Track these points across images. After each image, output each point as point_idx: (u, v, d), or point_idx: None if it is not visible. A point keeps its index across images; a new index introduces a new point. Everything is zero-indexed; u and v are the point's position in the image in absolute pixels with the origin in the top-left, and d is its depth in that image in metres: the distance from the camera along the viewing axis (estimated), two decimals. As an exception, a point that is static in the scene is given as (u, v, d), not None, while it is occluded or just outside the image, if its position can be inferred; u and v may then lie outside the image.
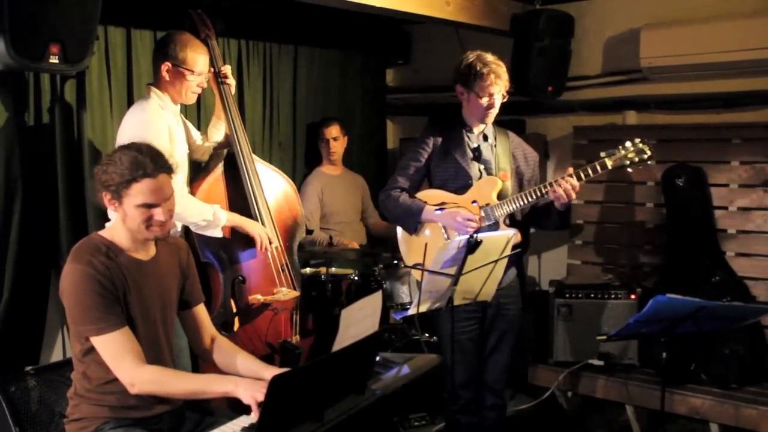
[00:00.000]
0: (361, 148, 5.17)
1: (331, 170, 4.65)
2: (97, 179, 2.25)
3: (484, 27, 4.31)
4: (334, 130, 4.59)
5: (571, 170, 3.09)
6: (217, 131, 3.45)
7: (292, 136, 4.68)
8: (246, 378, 2.26)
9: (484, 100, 3.18)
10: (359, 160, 5.07)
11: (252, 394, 2.12)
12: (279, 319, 3.39)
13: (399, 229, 3.38)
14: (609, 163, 3.07)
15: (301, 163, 4.77)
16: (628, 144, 3.09)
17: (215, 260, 3.26)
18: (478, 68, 3.15)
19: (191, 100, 3.19)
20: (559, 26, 4.42)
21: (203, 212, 3.08)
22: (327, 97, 4.91)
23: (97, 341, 2.20)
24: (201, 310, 2.58)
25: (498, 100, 3.20)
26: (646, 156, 3.08)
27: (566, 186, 3.04)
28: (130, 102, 3.63)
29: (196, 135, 3.43)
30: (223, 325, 3.19)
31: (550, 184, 3.08)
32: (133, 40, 3.65)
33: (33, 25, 2.48)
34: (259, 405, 2.06)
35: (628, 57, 4.46)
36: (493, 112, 3.24)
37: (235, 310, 3.27)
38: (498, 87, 3.17)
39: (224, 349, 2.53)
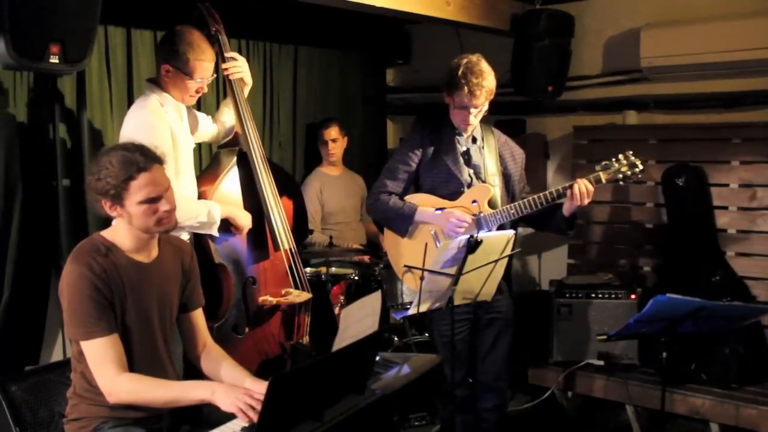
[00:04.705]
0: (361, 148, 5.17)
1: (331, 171, 4.65)
2: (92, 189, 2.23)
3: (484, 27, 4.31)
4: (333, 132, 4.58)
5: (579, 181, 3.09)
6: (228, 113, 3.37)
7: (292, 136, 4.68)
8: (224, 384, 2.23)
9: (459, 112, 3.15)
10: (359, 160, 5.07)
11: (231, 401, 2.12)
12: (290, 320, 3.37)
13: (387, 233, 3.34)
14: (603, 177, 3.11)
15: (301, 163, 4.77)
16: (621, 157, 3.13)
17: (229, 261, 3.19)
18: (457, 78, 3.08)
19: (189, 102, 3.12)
20: (559, 26, 4.41)
21: (198, 214, 2.99)
22: (327, 97, 4.92)
23: (84, 345, 2.20)
24: (198, 315, 2.56)
25: (474, 114, 3.14)
26: (638, 170, 3.13)
27: (582, 189, 3.04)
28: (130, 102, 3.62)
29: (206, 124, 3.33)
30: (235, 328, 3.15)
31: (569, 187, 3.07)
32: (133, 40, 3.65)
33: (33, 25, 2.47)
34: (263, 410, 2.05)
35: (628, 57, 4.46)
36: (471, 124, 3.18)
37: (246, 311, 3.22)
38: (474, 101, 3.08)
39: (212, 356, 2.51)
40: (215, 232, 3.07)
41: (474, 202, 3.18)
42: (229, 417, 2.31)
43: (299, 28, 4.53)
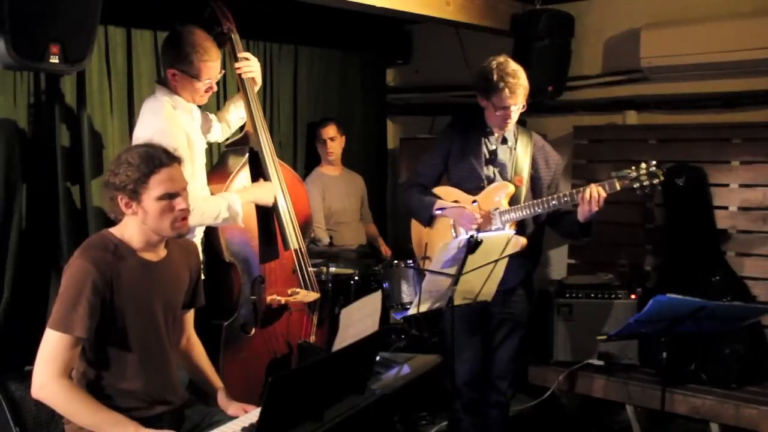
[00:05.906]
0: (361, 148, 5.18)
1: (330, 170, 4.65)
2: (110, 185, 2.24)
3: (484, 27, 4.32)
4: (330, 130, 4.58)
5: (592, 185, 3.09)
6: (234, 112, 3.36)
7: (292, 136, 4.68)
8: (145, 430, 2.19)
9: (500, 113, 3.21)
10: (359, 160, 5.07)
11: None
12: (300, 320, 3.38)
13: (413, 223, 3.48)
14: (618, 185, 3.09)
15: (302, 163, 4.77)
16: (642, 165, 3.10)
17: (239, 260, 3.17)
18: (495, 81, 3.14)
19: (201, 102, 3.09)
20: (559, 26, 4.41)
21: (219, 210, 2.97)
22: (327, 97, 4.92)
23: (50, 333, 2.16)
24: (190, 312, 2.60)
25: (515, 112, 3.21)
26: (657, 181, 3.08)
27: (594, 194, 3.04)
28: (130, 102, 3.63)
29: (214, 123, 3.31)
30: (243, 327, 3.15)
31: (576, 192, 3.09)
32: (133, 40, 3.65)
33: (33, 25, 2.47)
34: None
35: (628, 57, 4.46)
36: (511, 122, 3.26)
37: (255, 311, 3.21)
38: (515, 99, 3.16)
39: (192, 354, 2.60)
40: (241, 223, 3.07)
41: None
42: (230, 417, 2.31)
43: (299, 28, 4.53)
